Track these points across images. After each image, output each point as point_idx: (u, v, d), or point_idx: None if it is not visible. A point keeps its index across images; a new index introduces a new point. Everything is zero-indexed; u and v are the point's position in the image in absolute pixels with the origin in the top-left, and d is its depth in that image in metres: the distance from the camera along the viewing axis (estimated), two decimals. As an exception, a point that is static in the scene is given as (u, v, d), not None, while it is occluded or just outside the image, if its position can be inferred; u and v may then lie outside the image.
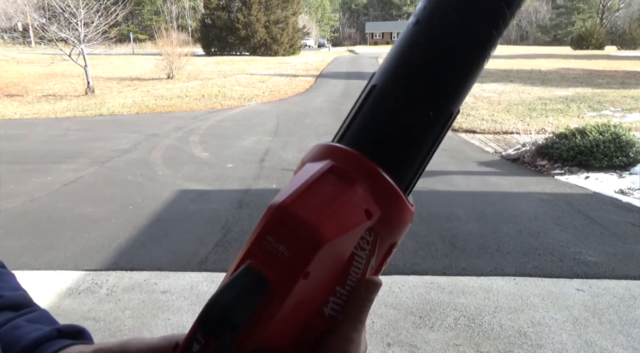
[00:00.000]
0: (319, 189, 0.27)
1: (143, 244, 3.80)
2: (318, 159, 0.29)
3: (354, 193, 0.27)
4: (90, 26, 14.26)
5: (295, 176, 0.29)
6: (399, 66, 0.30)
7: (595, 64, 22.61)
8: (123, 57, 30.80)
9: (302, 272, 0.26)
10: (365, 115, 0.30)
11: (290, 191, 0.27)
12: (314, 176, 0.28)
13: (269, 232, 0.27)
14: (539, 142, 6.36)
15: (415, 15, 0.30)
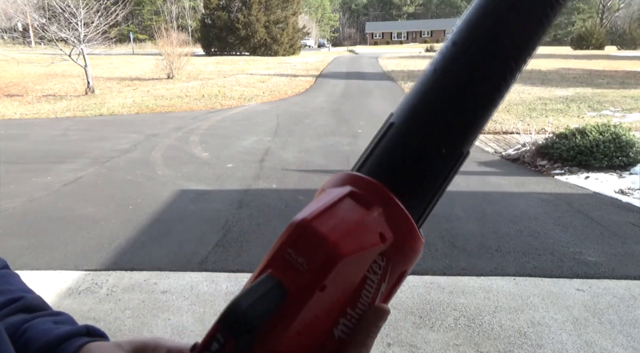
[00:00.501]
0: (338, 210, 0.30)
1: (143, 244, 3.80)
2: (338, 186, 0.32)
3: (370, 215, 0.30)
4: (90, 26, 14.26)
5: (316, 199, 0.31)
6: (418, 107, 0.32)
7: (595, 64, 22.61)
8: (123, 57, 30.80)
9: (319, 285, 0.28)
10: (383, 148, 0.33)
11: (311, 209, 0.29)
12: (333, 199, 0.30)
13: (290, 245, 0.29)
14: (539, 142, 6.36)
15: (433, 65, 0.32)
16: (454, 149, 0.32)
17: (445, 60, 0.32)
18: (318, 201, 0.31)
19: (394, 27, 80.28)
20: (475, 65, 0.31)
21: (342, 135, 8.16)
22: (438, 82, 0.32)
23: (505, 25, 0.31)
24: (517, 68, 0.31)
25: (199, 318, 2.78)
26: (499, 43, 0.31)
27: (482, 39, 0.31)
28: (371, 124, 9.19)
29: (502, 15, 0.31)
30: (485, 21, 0.31)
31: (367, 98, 12.97)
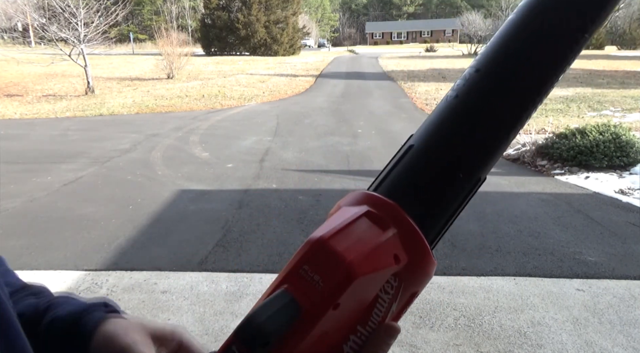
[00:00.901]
0: (354, 230, 0.30)
1: (143, 244, 3.80)
2: (355, 204, 0.32)
3: (385, 237, 0.30)
4: (90, 26, 14.27)
5: (333, 216, 0.32)
6: (438, 131, 0.33)
7: (595, 64, 22.61)
8: (123, 57, 30.81)
9: (333, 303, 0.29)
10: (401, 170, 0.33)
11: (328, 228, 0.30)
12: (350, 218, 0.31)
13: (306, 262, 0.29)
14: (539, 142, 6.36)
15: (455, 90, 0.33)
16: (471, 174, 0.32)
17: (468, 86, 0.32)
18: (335, 219, 0.31)
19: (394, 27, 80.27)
20: (497, 94, 0.31)
21: (342, 135, 8.16)
22: (459, 108, 0.32)
23: (530, 58, 0.31)
24: (539, 99, 0.32)
25: (199, 318, 2.78)
26: (522, 74, 0.31)
27: (506, 69, 0.31)
28: (371, 124, 9.19)
29: (526, 48, 0.31)
30: (509, 51, 0.32)
31: (367, 98, 12.97)
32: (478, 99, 0.32)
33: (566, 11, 0.31)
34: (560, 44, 0.31)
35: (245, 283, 3.18)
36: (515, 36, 0.32)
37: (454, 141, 0.32)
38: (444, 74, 18.95)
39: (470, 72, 0.32)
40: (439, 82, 16.33)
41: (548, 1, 0.31)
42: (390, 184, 0.33)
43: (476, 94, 0.32)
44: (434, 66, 23.47)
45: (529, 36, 0.31)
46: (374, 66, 24.91)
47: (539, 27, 0.31)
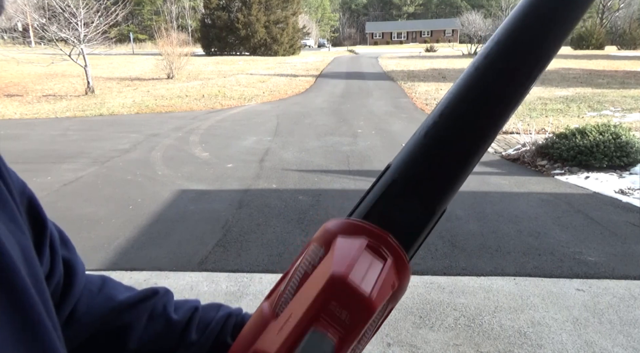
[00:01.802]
0: (363, 263, 0.33)
1: (143, 244, 3.80)
2: (351, 234, 0.35)
3: (386, 268, 0.34)
4: (90, 26, 14.26)
5: (339, 248, 0.34)
6: (414, 166, 0.36)
7: (595, 64, 22.61)
8: (123, 57, 30.81)
9: (359, 335, 0.31)
10: (387, 200, 0.36)
11: (345, 264, 0.32)
12: (357, 251, 0.33)
13: (333, 298, 0.31)
14: (539, 142, 6.36)
15: (424, 129, 0.36)
16: (443, 205, 0.37)
17: (433, 127, 0.36)
18: (342, 253, 0.33)
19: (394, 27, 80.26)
20: (457, 137, 0.35)
21: (342, 135, 8.16)
22: (430, 146, 0.36)
23: (486, 110, 0.35)
24: (495, 133, 0.35)
25: (199, 318, 2.78)
26: (476, 121, 0.35)
27: (464, 116, 0.35)
28: (371, 124, 9.19)
29: (486, 97, 0.35)
30: (468, 97, 0.35)
31: (367, 98, 12.97)
32: (442, 140, 0.35)
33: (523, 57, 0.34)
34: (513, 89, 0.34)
35: (245, 283, 3.18)
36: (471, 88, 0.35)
37: (429, 174, 0.36)
38: (444, 74, 18.96)
39: (434, 115, 0.36)
40: (439, 82, 16.33)
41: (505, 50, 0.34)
42: (379, 213, 0.36)
43: (441, 136, 0.35)
44: (434, 66, 23.47)
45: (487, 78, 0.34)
46: (374, 66, 24.91)
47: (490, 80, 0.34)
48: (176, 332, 0.53)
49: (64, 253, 0.48)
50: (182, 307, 0.56)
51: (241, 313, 0.56)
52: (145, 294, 0.55)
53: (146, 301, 0.54)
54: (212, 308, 0.57)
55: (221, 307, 0.57)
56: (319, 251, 0.35)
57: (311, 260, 0.35)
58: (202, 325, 0.54)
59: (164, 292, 0.57)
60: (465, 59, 28.55)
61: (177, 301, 0.57)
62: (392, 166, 0.37)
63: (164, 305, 0.55)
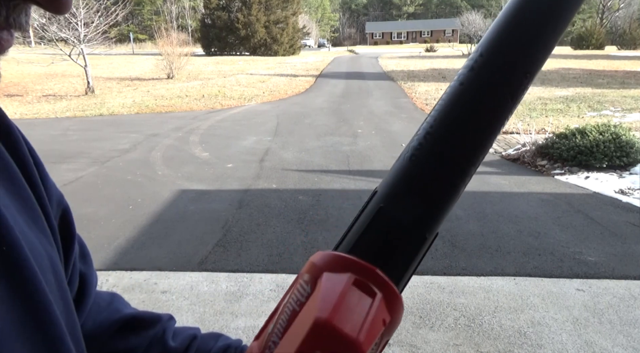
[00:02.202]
0: (349, 303, 0.31)
1: (143, 244, 3.80)
2: (337, 271, 0.33)
3: (375, 305, 0.32)
4: (90, 26, 14.27)
5: (324, 287, 0.32)
6: (399, 192, 0.34)
7: (595, 64, 22.62)
8: (123, 57, 30.82)
9: None
10: (373, 231, 0.34)
11: (329, 306, 0.30)
12: (342, 290, 0.31)
13: (317, 347, 0.29)
14: (539, 142, 6.36)
15: (410, 152, 0.34)
16: (433, 232, 0.35)
17: (419, 149, 0.34)
18: (328, 293, 0.31)
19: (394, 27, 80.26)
20: (444, 164, 0.34)
21: (342, 135, 8.16)
22: (416, 167, 0.34)
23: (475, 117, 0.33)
24: (481, 157, 0.34)
25: (199, 318, 2.78)
26: (464, 142, 0.33)
27: (451, 137, 0.33)
28: (371, 124, 9.19)
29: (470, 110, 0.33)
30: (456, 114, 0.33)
31: (367, 98, 12.97)
32: (429, 167, 0.34)
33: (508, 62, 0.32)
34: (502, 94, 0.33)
35: (245, 283, 3.18)
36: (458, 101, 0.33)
37: (416, 201, 0.34)
38: (444, 74, 18.96)
39: (419, 137, 0.34)
40: (439, 82, 16.33)
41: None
42: (365, 246, 0.34)
43: (427, 161, 0.34)
44: (434, 66, 23.47)
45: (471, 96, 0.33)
46: (374, 66, 24.91)
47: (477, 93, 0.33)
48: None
49: (81, 267, 0.48)
50: (180, 334, 0.56)
51: (240, 346, 0.55)
52: (150, 319, 0.55)
53: (149, 328, 0.54)
54: (212, 338, 0.56)
55: (220, 338, 0.56)
56: (306, 287, 0.33)
57: (299, 297, 0.33)
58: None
59: (167, 319, 0.57)
60: (465, 59, 28.51)
61: (176, 328, 0.57)
62: (378, 193, 0.35)
63: (163, 330, 0.54)
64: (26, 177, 0.38)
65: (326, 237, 3.87)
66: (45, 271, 0.33)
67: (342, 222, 4.16)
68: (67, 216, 0.43)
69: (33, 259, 0.32)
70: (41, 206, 0.38)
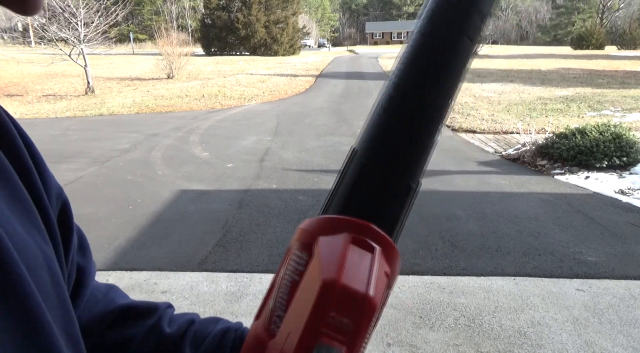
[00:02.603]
0: (353, 261, 0.31)
1: (143, 244, 3.80)
2: (332, 232, 0.33)
3: (376, 259, 0.32)
4: (90, 26, 14.27)
5: (323, 250, 0.32)
6: (381, 146, 0.35)
7: (595, 64, 22.61)
8: (123, 57, 30.82)
9: (365, 338, 0.30)
10: (360, 187, 0.35)
11: (334, 266, 0.30)
12: (344, 250, 0.31)
13: (330, 308, 0.29)
14: (539, 142, 6.36)
15: (382, 105, 0.35)
16: (417, 179, 0.36)
17: (390, 101, 0.35)
18: (329, 254, 0.31)
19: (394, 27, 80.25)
20: (416, 111, 0.35)
21: (342, 135, 8.16)
22: (390, 121, 0.35)
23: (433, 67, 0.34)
24: (452, 98, 0.35)
25: (199, 318, 2.78)
26: (432, 89, 0.34)
27: (418, 86, 0.35)
28: (371, 124, 9.19)
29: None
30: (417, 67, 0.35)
31: (367, 98, 12.97)
32: (403, 116, 0.35)
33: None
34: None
35: (245, 283, 3.18)
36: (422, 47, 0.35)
37: (397, 151, 0.35)
38: (444, 74, 18.93)
39: (390, 89, 0.35)
40: (439, 82, 16.31)
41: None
42: (355, 205, 0.35)
43: (400, 110, 0.35)
44: (434, 66, 23.41)
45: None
46: (374, 66, 24.91)
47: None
48: (168, 345, 0.51)
49: (79, 260, 0.48)
50: (177, 320, 0.54)
51: (241, 328, 0.54)
52: (146, 308, 0.54)
53: (146, 318, 0.53)
54: (210, 322, 0.55)
55: (220, 321, 0.55)
56: (302, 256, 0.33)
57: (296, 267, 0.33)
58: (197, 339, 0.52)
59: (165, 307, 0.56)
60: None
61: (174, 315, 0.55)
62: (358, 152, 0.36)
63: (159, 318, 0.53)
64: (22, 173, 0.38)
65: (326, 237, 3.87)
66: (37, 271, 0.33)
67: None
68: (66, 209, 0.43)
69: (25, 259, 0.31)
70: (38, 202, 0.37)
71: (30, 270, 0.31)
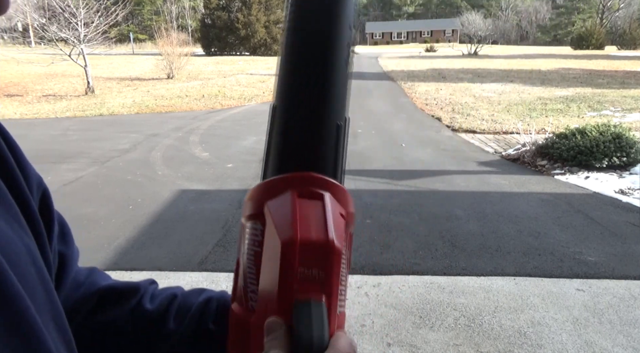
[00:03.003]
0: (304, 214, 0.31)
1: (143, 244, 3.80)
2: (276, 194, 0.33)
3: (329, 203, 0.32)
4: (90, 26, 14.27)
5: (273, 213, 0.32)
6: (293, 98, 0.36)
7: (595, 64, 22.61)
8: (123, 57, 30.82)
9: (340, 283, 0.31)
10: (286, 140, 0.35)
11: (287, 225, 0.30)
12: (293, 206, 0.31)
13: (297, 265, 0.29)
14: (539, 142, 6.36)
15: (285, 60, 0.36)
16: (342, 119, 0.38)
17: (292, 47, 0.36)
18: (280, 214, 0.31)
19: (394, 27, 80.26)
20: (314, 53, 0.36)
21: (342, 135, 8.15)
22: (293, 72, 0.36)
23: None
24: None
25: (199, 318, 2.78)
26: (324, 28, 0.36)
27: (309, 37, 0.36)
28: (371, 124, 9.19)
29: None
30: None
31: (367, 98, 12.97)
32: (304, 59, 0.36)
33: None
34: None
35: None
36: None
37: (311, 94, 0.35)
38: (444, 74, 18.96)
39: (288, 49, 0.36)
40: (438, 82, 16.33)
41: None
42: (291, 160, 0.35)
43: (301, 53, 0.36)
44: (434, 66, 23.47)
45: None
46: (373, 66, 24.91)
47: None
48: (151, 322, 0.50)
49: (61, 248, 0.47)
50: (159, 296, 0.53)
51: (224, 296, 0.52)
52: (128, 288, 0.53)
53: (130, 298, 0.52)
54: (193, 294, 0.53)
55: (203, 292, 0.53)
56: (256, 227, 0.33)
57: (254, 239, 0.33)
58: (181, 312, 0.51)
59: (148, 284, 0.55)
60: (465, 59, 28.54)
61: (156, 291, 0.54)
62: (278, 107, 0.36)
63: (141, 296, 0.53)
64: (0, 166, 0.38)
65: (326, 237, 3.87)
66: (22, 266, 0.33)
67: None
68: (47, 198, 0.42)
69: (9, 255, 0.31)
70: (19, 194, 0.37)
71: (15, 266, 0.31)
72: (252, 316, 0.32)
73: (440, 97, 12.55)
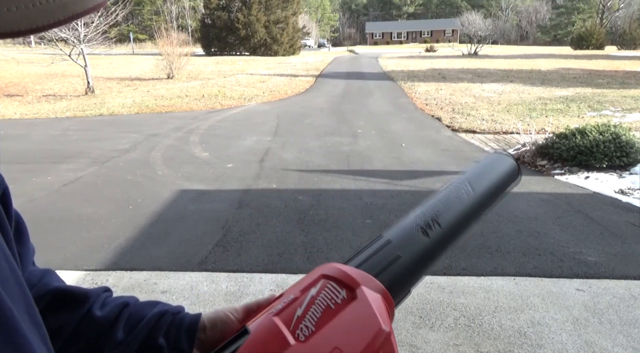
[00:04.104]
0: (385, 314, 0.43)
1: (143, 244, 3.80)
2: (370, 287, 0.44)
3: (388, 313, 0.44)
4: (90, 26, 14.26)
5: (373, 302, 0.42)
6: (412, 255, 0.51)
7: (595, 64, 22.62)
8: (123, 57, 30.82)
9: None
10: (387, 266, 0.47)
11: (385, 319, 0.41)
12: (385, 308, 0.43)
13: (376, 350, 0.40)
14: (539, 142, 6.36)
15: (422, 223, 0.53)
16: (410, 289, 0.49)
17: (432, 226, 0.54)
18: (379, 309, 0.41)
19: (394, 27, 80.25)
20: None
21: (342, 135, 8.16)
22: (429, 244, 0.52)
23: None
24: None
25: (199, 318, 2.78)
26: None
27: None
28: (371, 124, 9.19)
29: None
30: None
31: (367, 98, 12.97)
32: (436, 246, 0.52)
33: None
34: None
35: (245, 283, 3.18)
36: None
37: (420, 265, 0.50)
38: (444, 74, 18.96)
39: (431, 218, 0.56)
40: (439, 82, 16.33)
41: None
42: (385, 277, 0.46)
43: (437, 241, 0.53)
44: (434, 66, 23.47)
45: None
46: (373, 66, 24.91)
47: None
48: (100, 329, 0.49)
49: (17, 248, 0.47)
50: (110, 304, 0.52)
51: (181, 313, 0.52)
52: (80, 294, 0.52)
53: (81, 304, 0.51)
54: (147, 306, 0.53)
55: (158, 305, 0.53)
56: (339, 291, 0.41)
57: (333, 297, 0.41)
58: (132, 322, 0.50)
59: (101, 291, 0.54)
60: (465, 59, 28.54)
61: (108, 298, 0.54)
62: (394, 243, 0.50)
63: (92, 303, 0.51)
64: None
65: (326, 237, 3.87)
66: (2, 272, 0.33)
67: (342, 222, 4.16)
68: (6, 197, 0.42)
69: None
70: None
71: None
72: (296, 342, 0.38)
73: (440, 97, 12.55)
